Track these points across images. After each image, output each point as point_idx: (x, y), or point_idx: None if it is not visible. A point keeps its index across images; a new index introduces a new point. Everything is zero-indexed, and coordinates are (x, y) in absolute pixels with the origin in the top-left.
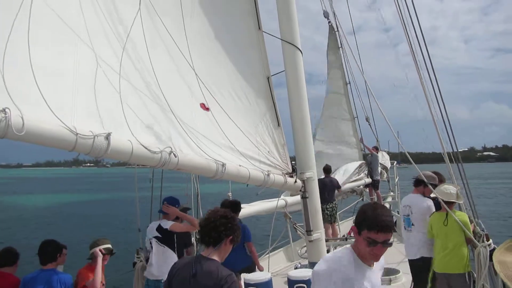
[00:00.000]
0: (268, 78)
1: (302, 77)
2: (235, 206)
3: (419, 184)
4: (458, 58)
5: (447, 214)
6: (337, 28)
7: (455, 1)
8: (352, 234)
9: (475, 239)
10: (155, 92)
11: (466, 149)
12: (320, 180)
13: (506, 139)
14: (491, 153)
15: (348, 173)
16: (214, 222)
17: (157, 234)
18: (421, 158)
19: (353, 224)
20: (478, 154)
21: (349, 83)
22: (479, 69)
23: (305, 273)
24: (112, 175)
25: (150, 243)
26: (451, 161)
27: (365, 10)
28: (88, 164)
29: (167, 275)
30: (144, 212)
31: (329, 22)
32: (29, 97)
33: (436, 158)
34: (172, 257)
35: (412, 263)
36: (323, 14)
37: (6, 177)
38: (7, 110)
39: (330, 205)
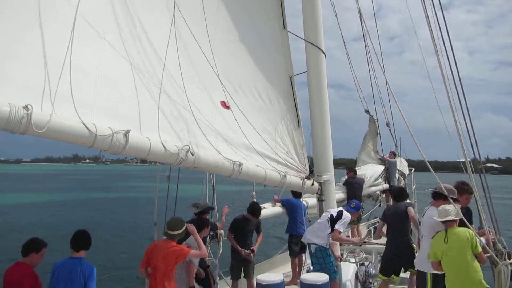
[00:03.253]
0: (290, 78)
1: (324, 79)
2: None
3: (439, 197)
4: (461, 69)
5: (446, 232)
6: (377, 119)
7: (461, 13)
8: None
9: (497, 257)
10: (176, 91)
11: (469, 160)
12: (348, 181)
13: (507, 151)
14: (494, 165)
15: (370, 179)
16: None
17: (331, 213)
18: (423, 166)
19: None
20: (479, 166)
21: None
22: (482, 81)
23: (317, 277)
24: (111, 172)
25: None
26: (456, 171)
27: (370, 18)
28: (88, 161)
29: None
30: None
31: (371, 115)
32: (53, 94)
33: (438, 166)
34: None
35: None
36: (364, 111)
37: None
38: (29, 106)
39: None
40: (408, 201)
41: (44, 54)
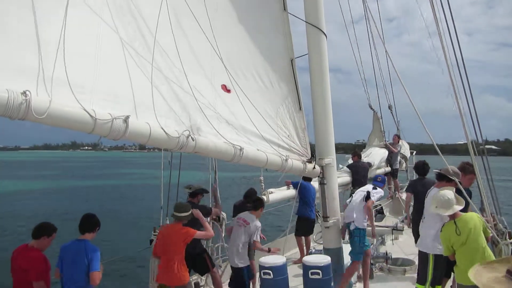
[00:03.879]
0: (291, 61)
1: (325, 61)
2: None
3: (442, 179)
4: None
5: (455, 222)
6: (381, 116)
7: None
8: None
9: (498, 236)
10: (176, 75)
11: (471, 141)
12: (352, 165)
13: (506, 133)
14: (493, 147)
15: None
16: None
17: (367, 190)
18: (422, 149)
19: None
20: (480, 147)
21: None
22: (481, 62)
23: (320, 259)
24: (109, 159)
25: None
26: (455, 153)
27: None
28: (86, 148)
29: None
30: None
31: (375, 112)
32: (51, 79)
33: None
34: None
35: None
36: (369, 106)
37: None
38: (27, 92)
39: None
40: None
41: (37, 35)
